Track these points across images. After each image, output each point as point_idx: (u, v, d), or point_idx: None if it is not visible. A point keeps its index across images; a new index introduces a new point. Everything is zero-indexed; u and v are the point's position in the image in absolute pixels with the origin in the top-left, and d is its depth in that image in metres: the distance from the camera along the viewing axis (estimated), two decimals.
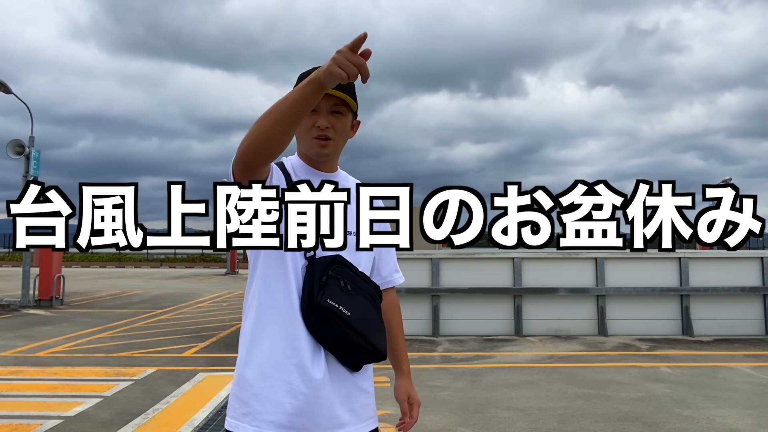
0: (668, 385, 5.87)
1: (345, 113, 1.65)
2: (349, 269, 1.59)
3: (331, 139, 1.64)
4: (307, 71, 1.62)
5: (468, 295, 9.18)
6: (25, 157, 13.80)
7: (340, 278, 1.55)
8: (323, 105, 1.61)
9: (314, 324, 1.53)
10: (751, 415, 4.89)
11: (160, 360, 7.21)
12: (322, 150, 1.64)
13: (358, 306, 1.56)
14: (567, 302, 9.21)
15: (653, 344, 8.33)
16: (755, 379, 6.21)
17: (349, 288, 1.56)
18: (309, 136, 1.64)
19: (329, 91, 1.52)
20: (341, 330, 1.52)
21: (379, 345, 1.60)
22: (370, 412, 1.66)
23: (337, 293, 1.53)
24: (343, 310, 1.52)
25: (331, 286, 1.53)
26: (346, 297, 1.54)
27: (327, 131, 1.62)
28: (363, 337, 1.55)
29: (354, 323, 1.53)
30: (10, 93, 14.01)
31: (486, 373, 6.52)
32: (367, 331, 1.56)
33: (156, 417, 4.88)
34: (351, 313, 1.53)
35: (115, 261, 41.65)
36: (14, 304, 13.25)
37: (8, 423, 4.69)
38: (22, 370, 6.69)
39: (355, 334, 1.53)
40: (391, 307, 1.83)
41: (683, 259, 9.25)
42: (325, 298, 1.51)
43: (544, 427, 4.61)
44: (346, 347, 1.55)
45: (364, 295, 1.59)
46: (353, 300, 1.55)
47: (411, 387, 1.85)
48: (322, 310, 1.51)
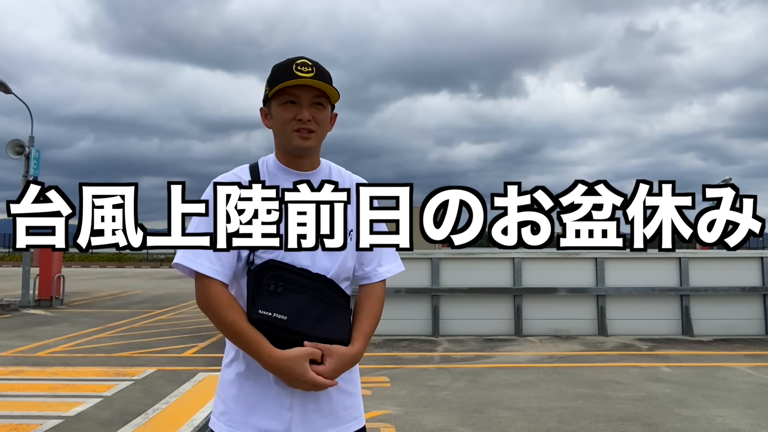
0: (668, 385, 5.87)
1: (325, 105, 1.61)
2: (284, 270, 1.52)
3: (313, 131, 1.58)
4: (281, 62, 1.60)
5: (468, 295, 9.18)
6: (25, 157, 13.80)
7: (273, 282, 1.50)
8: (305, 96, 1.57)
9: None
10: (751, 415, 4.89)
11: (160, 360, 7.21)
12: (305, 143, 1.58)
13: (294, 305, 1.50)
14: (567, 302, 9.21)
15: (653, 344, 8.33)
16: (755, 379, 6.21)
17: (279, 290, 1.50)
18: (288, 129, 1.58)
19: (310, 81, 1.54)
20: (282, 336, 1.48)
21: (334, 335, 1.53)
22: (354, 413, 1.63)
23: (267, 300, 1.48)
24: (278, 317, 1.47)
25: (262, 293, 1.49)
26: (276, 300, 1.49)
27: (309, 124, 1.57)
28: (306, 334, 1.49)
29: (293, 325, 1.48)
30: (10, 93, 14.01)
31: (486, 373, 6.52)
32: (312, 325, 1.50)
33: (156, 417, 4.88)
34: (288, 316, 1.48)
35: (115, 261, 41.64)
36: (14, 304, 13.24)
37: (8, 423, 4.69)
38: (22, 370, 6.69)
39: (298, 335, 1.49)
40: (372, 296, 1.70)
41: (683, 259, 9.25)
42: (256, 309, 1.48)
43: (544, 427, 4.61)
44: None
45: (301, 292, 1.51)
46: (287, 300, 1.49)
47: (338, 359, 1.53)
48: (256, 324, 1.48)
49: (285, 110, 1.57)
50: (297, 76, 1.54)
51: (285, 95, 1.57)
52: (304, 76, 1.54)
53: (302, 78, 1.54)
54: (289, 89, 1.56)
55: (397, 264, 1.77)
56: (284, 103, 1.57)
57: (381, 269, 1.73)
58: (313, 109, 1.58)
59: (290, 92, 1.56)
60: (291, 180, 1.57)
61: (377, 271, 1.72)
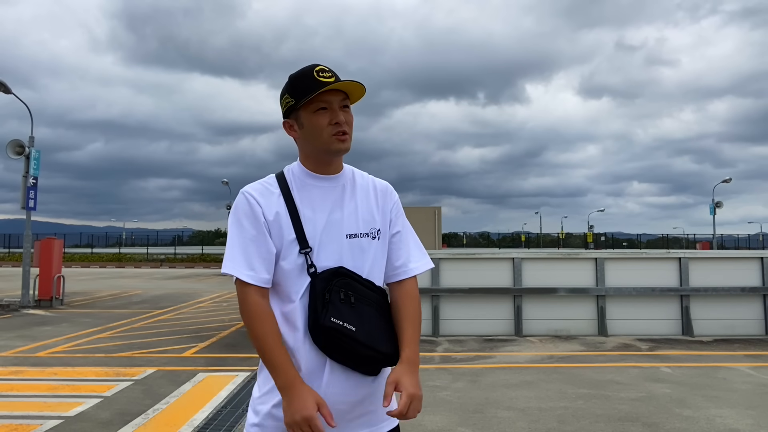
0: (668, 385, 5.87)
1: (349, 107, 1.67)
2: (353, 279, 1.59)
3: (348, 133, 1.64)
4: (298, 72, 1.64)
5: (468, 295, 9.18)
6: (25, 157, 13.81)
7: (342, 290, 1.56)
8: (334, 101, 1.61)
9: (322, 343, 1.54)
10: (751, 415, 4.89)
11: (160, 360, 7.21)
12: (343, 145, 1.63)
13: (363, 317, 1.57)
14: (567, 302, 9.21)
15: (653, 344, 8.32)
16: (755, 379, 6.21)
17: (352, 300, 1.57)
18: (326, 134, 1.61)
19: (339, 85, 1.59)
20: (348, 346, 1.54)
21: (389, 351, 1.61)
22: (385, 414, 1.66)
23: (340, 308, 1.54)
24: (348, 327, 1.53)
25: (334, 301, 1.54)
26: (349, 310, 1.55)
27: (344, 126, 1.62)
28: (371, 348, 1.57)
29: (360, 337, 1.55)
30: (10, 93, 14.01)
31: (486, 373, 6.52)
32: (376, 340, 1.58)
33: (156, 417, 4.88)
34: (356, 328, 1.54)
35: (115, 261, 41.64)
36: (14, 304, 13.24)
37: (8, 423, 4.69)
38: (22, 370, 6.69)
39: (362, 347, 1.55)
40: (405, 296, 1.73)
41: (683, 259, 9.25)
42: (328, 316, 1.52)
43: (544, 427, 4.61)
44: (356, 360, 1.57)
45: (369, 305, 1.60)
46: (357, 312, 1.56)
47: (406, 374, 1.62)
48: (327, 330, 1.52)
49: (319, 117, 1.60)
50: (322, 82, 1.58)
51: (316, 102, 1.60)
52: (328, 80, 1.59)
53: (331, 82, 1.58)
54: (318, 96, 1.59)
55: (426, 261, 1.79)
56: (317, 110, 1.61)
57: (411, 265, 1.76)
58: (343, 112, 1.63)
59: (320, 99, 1.60)
60: (317, 185, 1.66)
61: (408, 267, 1.75)
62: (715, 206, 34.70)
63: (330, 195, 1.66)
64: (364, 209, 1.69)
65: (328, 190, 1.66)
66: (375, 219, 1.69)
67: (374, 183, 1.78)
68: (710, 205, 34.90)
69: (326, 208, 1.63)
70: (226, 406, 5.17)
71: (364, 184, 1.75)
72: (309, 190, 1.65)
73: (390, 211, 1.76)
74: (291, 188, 1.64)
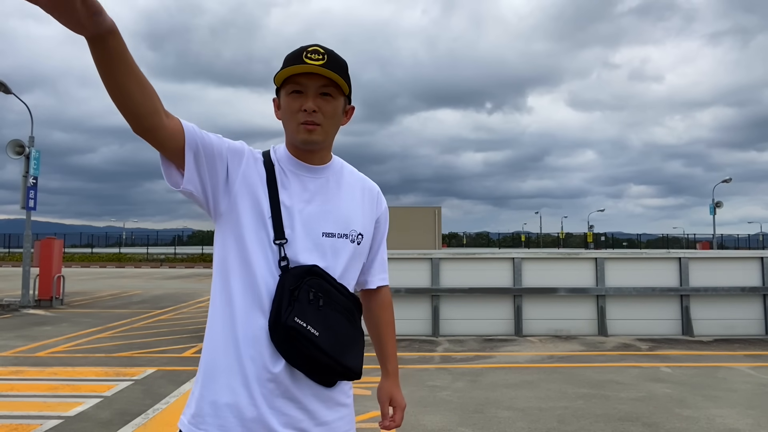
0: (668, 385, 5.87)
1: (336, 96, 1.48)
2: (325, 280, 1.45)
3: (319, 124, 1.47)
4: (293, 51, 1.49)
5: (468, 295, 9.18)
6: (25, 157, 13.81)
7: (312, 290, 1.41)
8: (311, 86, 1.46)
9: (279, 341, 1.39)
10: (751, 415, 4.89)
11: (160, 360, 7.20)
12: (310, 136, 1.47)
13: (330, 323, 1.43)
14: (567, 302, 9.20)
15: (653, 344, 8.32)
16: (755, 379, 6.21)
17: (321, 303, 1.42)
18: (294, 122, 1.47)
19: (317, 69, 1.44)
20: (307, 351, 1.39)
21: (352, 365, 1.47)
22: (347, 425, 1.53)
23: (305, 309, 1.39)
24: (311, 330, 1.38)
25: (301, 300, 1.39)
26: (315, 313, 1.40)
27: (314, 116, 1.46)
28: (333, 358, 1.42)
29: (323, 344, 1.40)
30: (10, 93, 14.02)
31: (486, 373, 6.52)
32: (339, 351, 1.43)
33: (156, 417, 4.88)
34: (320, 333, 1.40)
35: (115, 261, 41.64)
36: (14, 304, 13.24)
37: (8, 423, 4.68)
38: (22, 370, 6.69)
39: (323, 355, 1.40)
40: (382, 305, 1.73)
41: (683, 259, 9.25)
42: (292, 316, 1.37)
43: (544, 427, 4.61)
44: (313, 367, 1.42)
45: (338, 310, 1.45)
46: (324, 316, 1.42)
47: (395, 389, 1.71)
48: (287, 330, 1.37)
49: (292, 100, 1.47)
50: (304, 63, 1.44)
51: (292, 84, 1.46)
52: (312, 63, 1.43)
53: (308, 65, 1.43)
54: (296, 77, 1.45)
55: (386, 275, 1.76)
56: (291, 92, 1.47)
57: (386, 275, 1.74)
58: (320, 100, 1.47)
59: (297, 81, 1.45)
60: (299, 172, 1.52)
61: (384, 275, 1.73)
62: (715, 206, 34.70)
63: (311, 186, 1.52)
64: (346, 209, 1.55)
65: (310, 181, 1.52)
66: (356, 222, 1.55)
67: (364, 183, 1.65)
68: (710, 205, 34.90)
69: (304, 199, 1.49)
70: None
71: (352, 182, 1.61)
72: (290, 176, 1.51)
73: (378, 218, 1.65)
74: (275, 169, 1.50)
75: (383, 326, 1.74)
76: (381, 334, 1.74)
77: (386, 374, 1.74)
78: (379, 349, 1.76)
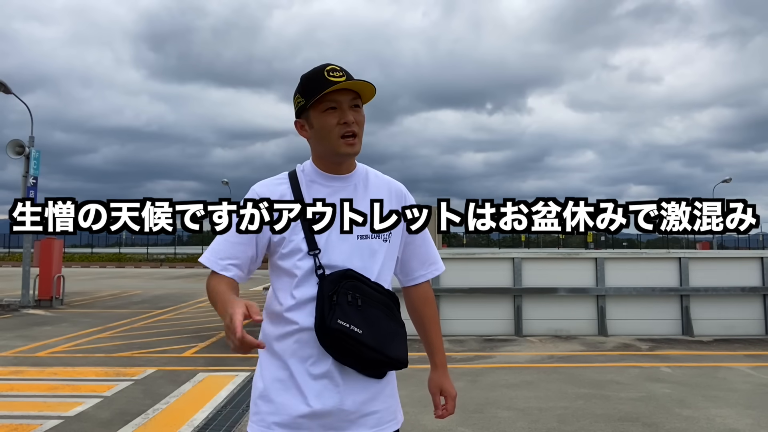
0: (668, 385, 5.87)
1: (361, 107, 1.64)
2: (360, 282, 1.57)
3: (357, 135, 1.61)
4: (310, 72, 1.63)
5: (468, 295, 9.18)
6: (25, 157, 13.81)
7: (350, 293, 1.54)
8: (344, 100, 1.59)
9: (328, 344, 1.53)
10: (751, 415, 4.89)
11: (160, 360, 7.21)
12: (353, 149, 1.61)
13: (371, 320, 1.55)
14: (567, 302, 9.20)
15: (653, 344, 8.32)
16: (755, 379, 6.21)
17: (359, 303, 1.54)
18: (334, 136, 1.60)
19: (347, 84, 1.57)
20: (354, 349, 1.52)
21: (397, 355, 1.59)
22: (390, 415, 1.66)
23: (347, 311, 1.52)
24: (354, 329, 1.51)
25: (341, 303, 1.52)
26: (356, 313, 1.53)
27: (353, 126, 1.59)
28: (378, 351, 1.55)
29: (367, 340, 1.53)
30: (10, 93, 14.02)
31: (486, 373, 6.52)
32: (383, 344, 1.56)
33: (156, 417, 4.88)
34: (363, 330, 1.52)
35: (115, 261, 41.64)
36: (14, 304, 13.24)
37: (8, 423, 4.69)
38: (22, 370, 6.69)
39: (369, 350, 1.53)
40: (423, 301, 1.85)
41: (683, 259, 9.25)
42: (335, 318, 1.50)
43: (544, 427, 4.61)
44: (362, 363, 1.56)
45: (376, 307, 1.58)
46: (364, 314, 1.54)
47: (445, 380, 1.85)
48: (333, 332, 1.50)
49: (328, 116, 1.59)
50: (331, 82, 1.56)
51: (325, 102, 1.58)
52: (338, 80, 1.56)
53: (341, 82, 1.56)
54: (327, 95, 1.57)
55: (440, 264, 1.86)
56: (326, 110, 1.58)
57: (431, 267, 1.83)
58: (353, 112, 1.60)
59: (330, 98, 1.58)
60: (328, 184, 1.65)
61: (427, 270, 1.82)
62: None
63: (341, 195, 1.63)
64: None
65: (339, 190, 1.65)
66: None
67: (390, 184, 1.76)
68: None
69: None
70: (226, 406, 5.17)
71: (378, 183, 1.73)
72: (320, 189, 1.64)
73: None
74: (301, 186, 1.64)
75: (427, 322, 1.87)
76: (426, 329, 1.87)
77: (434, 366, 1.88)
78: (426, 344, 1.89)
